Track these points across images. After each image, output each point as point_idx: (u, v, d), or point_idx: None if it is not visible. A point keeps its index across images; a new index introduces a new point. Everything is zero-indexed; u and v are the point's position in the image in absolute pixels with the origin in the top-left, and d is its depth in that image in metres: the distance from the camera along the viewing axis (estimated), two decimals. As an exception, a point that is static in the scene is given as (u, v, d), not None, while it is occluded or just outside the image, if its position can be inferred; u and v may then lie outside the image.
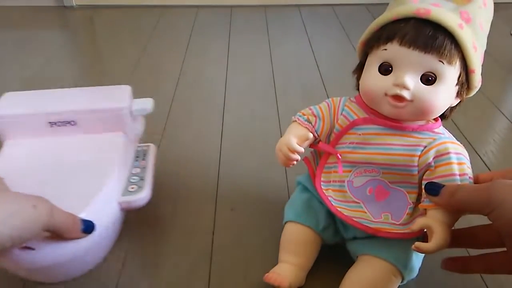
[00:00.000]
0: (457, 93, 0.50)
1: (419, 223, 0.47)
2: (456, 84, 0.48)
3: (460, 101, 0.51)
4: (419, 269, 0.53)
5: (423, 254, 0.53)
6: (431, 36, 0.46)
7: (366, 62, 0.52)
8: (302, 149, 0.53)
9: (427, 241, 0.46)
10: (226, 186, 0.74)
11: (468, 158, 0.50)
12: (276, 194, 0.72)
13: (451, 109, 0.52)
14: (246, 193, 0.73)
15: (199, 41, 1.36)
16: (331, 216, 0.56)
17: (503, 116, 0.96)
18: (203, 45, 1.33)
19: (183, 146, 0.85)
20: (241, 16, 1.58)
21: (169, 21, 1.54)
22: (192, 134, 0.88)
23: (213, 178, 0.76)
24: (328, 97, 1.08)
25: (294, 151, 0.53)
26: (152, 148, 0.70)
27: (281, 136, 0.87)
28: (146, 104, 0.65)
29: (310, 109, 0.58)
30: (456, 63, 0.46)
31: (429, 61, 0.46)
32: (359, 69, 0.55)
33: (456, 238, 0.47)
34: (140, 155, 0.67)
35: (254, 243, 0.62)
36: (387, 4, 0.52)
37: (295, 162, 0.54)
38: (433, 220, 0.46)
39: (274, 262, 0.56)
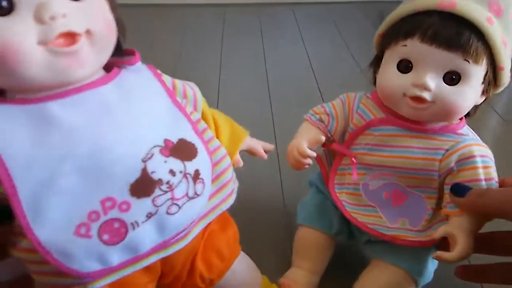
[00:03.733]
0: (483, 91, 0.46)
1: (441, 231, 0.44)
2: (482, 82, 0.45)
3: (485, 98, 0.48)
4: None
5: None
6: (456, 32, 0.42)
7: (384, 57, 0.48)
8: (314, 154, 0.50)
9: (443, 247, 0.44)
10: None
11: (493, 159, 0.47)
12: (270, 192, 0.71)
13: (476, 107, 0.48)
14: (240, 191, 0.72)
15: (192, 40, 1.35)
16: (345, 219, 0.53)
17: (494, 112, 0.96)
18: (196, 44, 1.32)
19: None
20: (234, 15, 1.57)
21: (161, 20, 1.53)
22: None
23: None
24: (322, 97, 1.10)
25: (305, 156, 0.50)
26: None
27: (275, 137, 0.87)
28: None
29: (323, 106, 0.54)
30: (483, 61, 0.43)
31: (453, 60, 0.42)
32: (376, 62, 0.51)
33: (475, 243, 0.44)
34: None
35: (248, 241, 0.62)
36: (380, 2, 0.51)
37: (306, 166, 0.51)
38: (456, 227, 0.43)
39: (269, 260, 0.56)
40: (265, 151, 0.54)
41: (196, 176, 0.38)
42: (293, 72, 1.16)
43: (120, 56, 0.40)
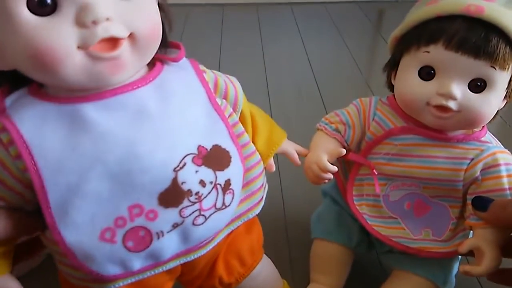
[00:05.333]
0: (505, 95, 0.45)
1: (468, 245, 0.42)
2: (506, 88, 0.43)
3: (506, 102, 0.46)
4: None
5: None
6: (483, 38, 0.40)
7: (402, 62, 0.46)
8: (335, 168, 0.47)
9: (468, 255, 0.43)
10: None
11: None
12: (269, 193, 0.70)
13: (496, 112, 0.46)
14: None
15: (190, 40, 1.33)
16: (364, 230, 0.51)
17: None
18: (195, 44, 1.31)
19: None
20: (233, 14, 1.56)
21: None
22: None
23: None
24: (321, 96, 1.10)
25: (326, 171, 0.47)
26: None
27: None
28: None
29: (337, 115, 0.51)
30: (509, 67, 0.41)
31: (480, 67, 0.41)
32: (391, 66, 0.49)
33: (503, 248, 0.43)
34: None
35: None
36: (380, 1, 0.49)
37: (327, 181, 0.48)
38: (482, 240, 0.42)
39: None
40: (298, 154, 0.52)
41: (227, 186, 0.38)
42: (292, 71, 1.16)
43: (164, 49, 0.39)
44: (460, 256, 0.51)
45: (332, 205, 0.55)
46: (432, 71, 0.43)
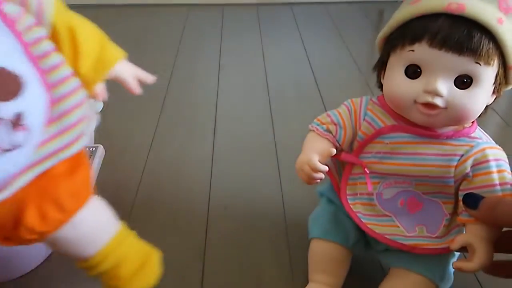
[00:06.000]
0: (493, 90, 0.44)
1: (459, 241, 0.43)
2: (493, 83, 0.43)
3: (496, 97, 0.46)
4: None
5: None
6: (466, 35, 0.40)
7: (390, 62, 0.46)
8: (326, 168, 0.47)
9: (463, 251, 0.43)
10: (219, 185, 0.73)
11: (507, 161, 0.45)
12: (269, 193, 0.71)
13: (486, 107, 0.46)
14: (239, 192, 0.72)
15: (190, 40, 1.34)
16: (360, 229, 0.51)
17: (494, 112, 0.95)
18: (195, 44, 1.31)
19: (176, 146, 0.83)
20: (233, 15, 1.56)
21: (160, 20, 1.52)
22: (184, 134, 0.87)
23: (206, 177, 0.75)
24: (321, 96, 1.10)
25: (317, 170, 0.47)
26: (100, 150, 0.66)
27: (274, 136, 0.86)
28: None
29: (329, 115, 0.52)
30: (494, 62, 0.41)
31: (464, 63, 0.41)
32: (380, 65, 0.49)
33: (497, 242, 0.43)
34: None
35: (247, 242, 0.62)
36: (379, 2, 0.50)
37: (319, 181, 0.48)
38: (474, 236, 0.42)
39: (267, 260, 0.57)
40: (140, 81, 0.44)
41: (17, 121, 0.31)
42: (292, 71, 1.16)
43: None
44: (457, 253, 0.51)
45: (328, 205, 0.56)
46: (418, 70, 0.43)
